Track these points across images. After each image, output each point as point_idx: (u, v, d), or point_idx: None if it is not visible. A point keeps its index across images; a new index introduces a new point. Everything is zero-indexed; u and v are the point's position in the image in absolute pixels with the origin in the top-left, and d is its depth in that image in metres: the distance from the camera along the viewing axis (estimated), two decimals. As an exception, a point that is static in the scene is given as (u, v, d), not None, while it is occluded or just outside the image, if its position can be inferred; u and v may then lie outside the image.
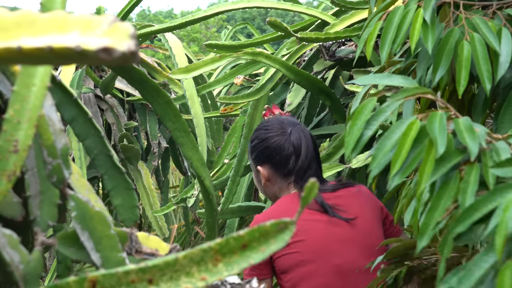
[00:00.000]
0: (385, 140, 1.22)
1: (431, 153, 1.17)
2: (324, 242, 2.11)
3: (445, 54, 1.48)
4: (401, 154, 1.19)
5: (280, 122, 2.30)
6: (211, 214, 1.67)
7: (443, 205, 1.14)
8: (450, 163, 1.16)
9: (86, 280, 0.73)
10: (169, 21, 3.19)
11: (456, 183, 1.15)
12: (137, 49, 0.64)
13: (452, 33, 1.49)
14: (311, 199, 0.77)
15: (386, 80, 1.34)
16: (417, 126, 1.20)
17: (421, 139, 1.20)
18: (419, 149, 1.19)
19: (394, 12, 1.57)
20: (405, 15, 1.53)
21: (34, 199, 0.98)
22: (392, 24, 1.55)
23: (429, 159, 1.17)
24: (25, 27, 0.66)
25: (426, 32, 1.49)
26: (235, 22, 22.69)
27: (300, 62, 3.14)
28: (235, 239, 0.75)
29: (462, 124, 1.20)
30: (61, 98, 1.16)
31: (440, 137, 1.16)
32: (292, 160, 2.23)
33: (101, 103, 3.79)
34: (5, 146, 0.87)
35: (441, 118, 1.19)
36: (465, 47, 1.46)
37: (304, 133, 2.27)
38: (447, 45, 1.48)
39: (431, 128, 1.18)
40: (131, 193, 1.19)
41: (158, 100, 1.43)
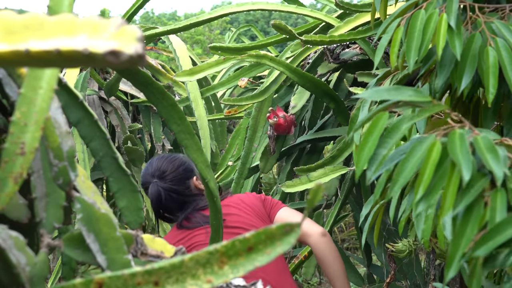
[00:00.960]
0: (406, 163, 1.18)
1: (453, 177, 1.12)
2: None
3: (469, 61, 1.44)
4: (423, 180, 1.15)
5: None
6: (215, 217, 1.67)
7: (470, 233, 1.08)
8: (475, 190, 1.11)
9: (93, 282, 0.73)
10: (173, 23, 3.19)
11: (480, 211, 1.10)
12: (145, 52, 0.64)
13: (474, 38, 1.46)
14: (316, 202, 0.77)
15: (395, 94, 1.26)
16: (438, 148, 1.15)
17: (442, 161, 1.15)
18: (441, 172, 1.15)
19: (415, 17, 1.53)
20: (428, 20, 1.50)
21: (40, 201, 0.98)
22: (415, 29, 1.51)
23: (451, 183, 1.12)
24: (33, 30, 0.67)
25: (452, 37, 1.45)
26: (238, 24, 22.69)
27: (304, 64, 3.14)
28: (241, 242, 0.75)
29: (482, 143, 1.15)
30: (67, 100, 1.16)
31: (464, 162, 1.10)
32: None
33: (106, 105, 3.80)
34: (12, 148, 0.87)
35: (461, 138, 1.14)
36: (490, 53, 1.42)
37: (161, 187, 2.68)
38: (470, 51, 1.45)
39: (453, 151, 1.13)
40: (136, 195, 1.19)
41: (163, 102, 1.43)
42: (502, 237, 1.04)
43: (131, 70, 1.46)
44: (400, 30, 1.56)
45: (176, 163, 2.73)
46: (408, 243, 2.43)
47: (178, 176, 2.70)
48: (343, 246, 7.27)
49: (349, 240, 7.62)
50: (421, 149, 1.18)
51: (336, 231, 7.20)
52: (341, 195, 2.85)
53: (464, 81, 1.45)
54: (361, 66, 2.95)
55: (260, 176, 3.39)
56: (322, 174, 2.70)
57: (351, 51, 2.98)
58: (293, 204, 3.31)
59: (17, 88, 1.01)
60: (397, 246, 2.47)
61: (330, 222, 2.83)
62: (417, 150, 1.18)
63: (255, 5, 2.98)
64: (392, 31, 1.58)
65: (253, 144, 3.15)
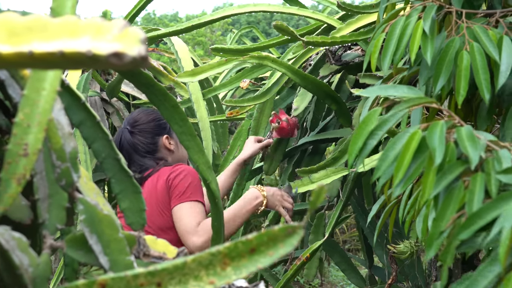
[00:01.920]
0: (388, 151, 1.25)
1: (432, 164, 1.19)
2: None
3: (445, 65, 1.50)
4: (403, 165, 1.21)
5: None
6: (217, 218, 1.67)
7: (449, 215, 1.16)
8: (452, 174, 1.18)
9: (96, 283, 0.73)
10: (174, 25, 3.20)
11: (460, 193, 1.17)
12: (148, 54, 0.64)
13: (453, 42, 1.50)
14: (319, 203, 0.77)
15: (392, 91, 1.36)
16: (418, 137, 1.22)
17: (422, 149, 1.22)
18: (420, 160, 1.21)
19: (395, 24, 1.59)
20: (406, 26, 1.56)
21: (43, 202, 0.99)
22: (393, 35, 1.58)
23: (430, 169, 1.19)
24: (36, 32, 0.67)
25: (425, 43, 1.51)
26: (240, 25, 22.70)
27: (306, 66, 3.14)
28: (243, 243, 0.75)
29: (464, 133, 1.22)
30: (70, 102, 1.17)
31: (439, 148, 1.18)
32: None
33: (107, 106, 3.81)
34: (15, 149, 0.88)
35: (441, 128, 1.21)
36: (464, 57, 1.48)
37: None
38: (448, 55, 1.50)
39: (431, 139, 1.20)
40: (138, 196, 1.19)
41: (165, 103, 1.43)
42: (482, 221, 1.10)
43: (133, 71, 1.46)
44: (381, 36, 1.63)
45: (151, 117, 2.82)
46: (409, 244, 2.44)
47: (148, 129, 2.78)
48: (345, 247, 7.28)
49: (351, 242, 7.63)
50: (403, 138, 1.24)
51: (337, 233, 7.21)
52: (343, 197, 2.85)
53: (439, 84, 1.51)
54: (362, 68, 2.95)
55: (262, 177, 3.39)
56: (324, 176, 2.71)
57: (352, 52, 2.98)
58: (295, 205, 3.32)
59: (20, 89, 1.01)
60: (399, 247, 2.47)
61: (332, 224, 2.83)
62: (401, 139, 1.25)
63: (257, 7, 2.98)
64: (378, 37, 1.64)
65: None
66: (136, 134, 2.78)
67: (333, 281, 6.82)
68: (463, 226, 1.11)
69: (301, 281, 6.41)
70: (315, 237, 3.06)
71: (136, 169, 2.74)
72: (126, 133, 2.79)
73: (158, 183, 2.66)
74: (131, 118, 2.84)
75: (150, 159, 2.77)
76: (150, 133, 2.78)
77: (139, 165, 2.76)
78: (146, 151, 2.77)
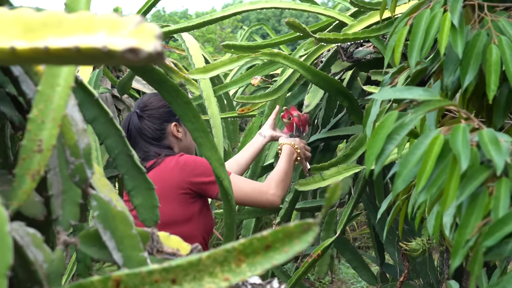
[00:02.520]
0: (409, 156, 1.21)
1: (455, 169, 1.15)
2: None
3: (473, 58, 1.46)
4: (426, 171, 1.18)
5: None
6: (229, 215, 1.67)
7: (474, 222, 1.12)
8: (477, 180, 1.14)
9: (110, 279, 0.73)
10: (185, 22, 3.20)
11: (485, 200, 1.14)
12: (163, 49, 0.64)
13: (479, 36, 1.47)
14: (334, 200, 0.77)
15: (407, 93, 1.32)
16: (440, 141, 1.19)
17: (445, 154, 1.19)
18: (443, 165, 1.18)
19: (420, 16, 1.54)
20: (432, 19, 1.51)
21: (56, 199, 0.99)
22: (419, 29, 1.53)
23: (454, 175, 1.15)
24: (51, 27, 0.67)
25: (455, 36, 1.46)
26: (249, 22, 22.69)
27: (318, 63, 3.13)
28: (258, 240, 0.75)
29: (486, 137, 1.18)
30: (83, 98, 1.16)
31: (464, 152, 1.14)
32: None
33: (118, 103, 3.81)
34: (29, 145, 0.87)
35: (464, 132, 1.18)
36: (493, 51, 1.44)
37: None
38: (475, 48, 1.46)
39: (454, 143, 1.16)
40: (151, 193, 1.19)
41: (178, 100, 1.43)
42: (509, 227, 1.08)
43: (145, 68, 1.46)
44: (405, 30, 1.58)
45: (162, 102, 2.78)
46: (421, 242, 2.43)
47: (157, 115, 2.75)
48: (355, 244, 7.26)
49: (361, 239, 7.62)
50: (424, 143, 1.21)
51: (348, 230, 7.19)
52: (354, 194, 2.85)
53: (467, 78, 1.47)
54: (374, 65, 2.95)
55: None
56: (336, 173, 2.70)
57: (364, 49, 2.97)
58: (306, 202, 3.31)
59: (34, 85, 1.01)
60: (411, 245, 2.47)
61: (343, 221, 2.83)
62: (421, 144, 1.22)
63: (268, 3, 2.98)
64: (400, 31, 1.60)
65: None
66: (145, 118, 2.75)
67: (343, 279, 6.82)
68: (488, 233, 1.08)
69: (312, 278, 6.41)
70: (326, 234, 3.06)
71: (140, 155, 2.70)
72: (135, 117, 2.76)
73: (170, 179, 2.62)
74: (142, 102, 2.81)
75: (155, 146, 2.73)
76: (158, 119, 2.75)
77: (144, 151, 2.72)
78: (153, 137, 2.74)
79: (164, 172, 2.63)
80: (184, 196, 2.59)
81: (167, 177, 2.61)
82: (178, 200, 2.60)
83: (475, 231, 1.13)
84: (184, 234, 2.57)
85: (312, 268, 3.19)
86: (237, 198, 2.56)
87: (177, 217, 2.59)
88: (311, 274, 5.97)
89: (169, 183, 2.60)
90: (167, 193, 2.59)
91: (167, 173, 2.62)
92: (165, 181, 2.60)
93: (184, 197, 2.59)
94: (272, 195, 2.65)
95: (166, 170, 2.63)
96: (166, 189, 2.59)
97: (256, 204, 2.70)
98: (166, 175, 2.61)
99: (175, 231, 2.60)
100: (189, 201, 2.59)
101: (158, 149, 2.73)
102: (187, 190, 2.59)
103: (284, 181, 2.71)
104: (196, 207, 2.62)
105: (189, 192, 2.60)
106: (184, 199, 2.59)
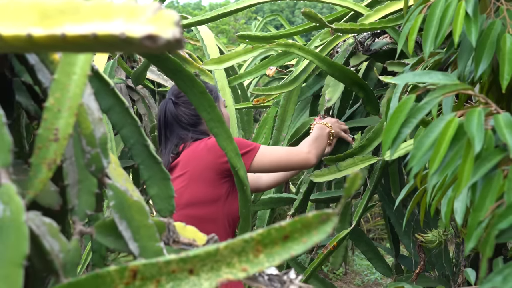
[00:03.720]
0: (424, 138, 1.22)
1: (469, 152, 1.15)
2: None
3: (487, 47, 1.45)
4: (439, 153, 1.18)
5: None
6: (245, 205, 1.66)
7: (487, 205, 1.13)
8: (491, 162, 1.14)
9: (127, 269, 0.72)
10: (198, 13, 3.20)
11: (499, 182, 1.13)
12: (182, 36, 0.63)
13: (494, 25, 1.46)
14: (354, 190, 0.76)
15: (426, 77, 1.32)
16: (455, 124, 1.19)
17: (459, 137, 1.19)
18: (457, 147, 1.18)
19: (435, 5, 1.54)
20: (447, 8, 1.50)
21: (72, 188, 0.98)
22: (433, 17, 1.52)
23: (468, 158, 1.16)
24: (68, 14, 0.66)
25: (469, 24, 1.46)
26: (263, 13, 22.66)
27: (333, 53, 3.12)
28: (277, 230, 0.74)
29: (502, 120, 1.18)
30: (98, 87, 1.16)
31: (478, 135, 1.14)
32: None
33: (133, 93, 3.81)
34: (45, 134, 0.87)
35: (479, 115, 1.17)
36: (507, 40, 1.43)
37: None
38: (489, 38, 1.46)
39: (469, 126, 1.16)
40: (167, 183, 1.18)
41: (193, 90, 1.42)
42: None
43: (160, 57, 1.45)
44: (419, 18, 1.58)
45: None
46: (438, 233, 2.42)
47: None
48: (369, 236, 7.25)
49: (375, 231, 7.61)
50: (439, 126, 1.21)
51: (362, 222, 7.19)
52: (370, 185, 2.83)
53: (481, 67, 1.46)
54: (390, 55, 2.93)
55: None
56: (351, 164, 2.69)
57: (381, 40, 2.95)
58: (321, 193, 3.30)
59: (50, 74, 1.01)
60: (427, 236, 2.45)
61: (359, 212, 2.81)
62: (436, 127, 1.22)
63: (283, -6, 2.96)
64: (414, 18, 1.59)
65: (281, 133, 3.14)
66: (180, 105, 2.77)
67: (357, 270, 6.81)
68: (502, 215, 1.08)
69: (325, 269, 6.40)
70: (341, 226, 3.05)
71: (177, 142, 2.74)
72: (170, 104, 2.78)
73: (201, 161, 2.66)
74: (176, 89, 2.82)
75: (192, 132, 2.76)
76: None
77: (181, 137, 2.75)
78: (189, 123, 2.76)
79: (194, 153, 2.67)
80: (215, 177, 2.63)
81: (198, 159, 2.65)
82: (208, 180, 2.63)
83: (488, 213, 1.13)
84: (206, 216, 2.61)
85: (327, 259, 3.19)
86: (273, 162, 2.66)
87: (203, 197, 2.63)
88: (324, 265, 5.96)
89: (201, 164, 2.64)
90: (199, 174, 2.63)
91: (197, 154, 2.65)
92: (197, 162, 2.64)
93: (215, 177, 2.63)
94: (307, 153, 2.70)
95: (196, 151, 2.66)
96: (198, 170, 2.64)
97: (292, 164, 2.72)
98: (197, 156, 2.65)
99: (198, 211, 2.64)
100: (219, 182, 2.62)
101: (194, 135, 2.75)
102: (217, 171, 2.63)
103: (316, 142, 2.77)
104: (224, 188, 2.65)
105: (219, 173, 2.63)
106: (215, 180, 2.62)
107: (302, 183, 3.19)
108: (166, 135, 2.76)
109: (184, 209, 2.57)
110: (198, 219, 2.55)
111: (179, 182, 2.62)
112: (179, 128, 2.76)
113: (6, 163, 0.73)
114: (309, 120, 3.14)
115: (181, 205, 2.57)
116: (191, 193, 2.60)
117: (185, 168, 2.63)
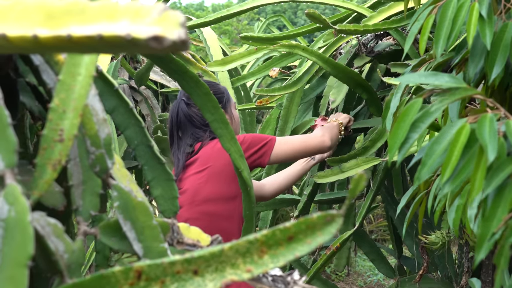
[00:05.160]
0: (435, 145, 1.19)
1: (482, 160, 1.13)
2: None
3: (500, 50, 1.43)
4: (451, 161, 1.16)
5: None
6: (249, 206, 1.67)
7: (500, 215, 1.10)
8: (504, 172, 1.12)
9: (132, 270, 0.72)
10: (201, 14, 3.20)
11: (511, 192, 1.11)
12: (188, 37, 0.63)
13: (507, 27, 1.44)
14: (358, 191, 0.76)
15: (432, 79, 1.28)
16: (467, 131, 1.17)
17: (471, 144, 1.16)
18: (469, 155, 1.16)
19: (446, 6, 1.52)
20: (459, 8, 1.48)
21: (77, 189, 0.98)
22: (445, 18, 1.51)
23: (480, 166, 1.13)
24: (74, 15, 0.66)
25: (483, 26, 1.44)
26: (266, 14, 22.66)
27: (337, 54, 3.11)
28: (281, 231, 0.74)
29: None
30: (103, 88, 1.16)
31: (491, 143, 1.12)
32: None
33: (136, 94, 3.81)
34: (50, 135, 0.87)
35: (491, 121, 1.15)
36: None
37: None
38: (502, 40, 1.44)
39: (481, 133, 1.14)
40: (171, 184, 1.18)
41: (197, 91, 1.42)
42: None
43: (164, 58, 1.45)
44: (431, 18, 1.56)
45: (211, 89, 2.79)
46: (441, 235, 2.41)
47: None
48: (372, 237, 7.24)
49: (377, 232, 7.60)
50: (450, 133, 1.19)
51: (364, 223, 7.18)
52: (373, 186, 2.83)
53: (495, 70, 1.44)
54: (394, 57, 2.93)
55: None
56: (355, 165, 2.69)
57: (384, 42, 2.95)
58: (323, 194, 3.30)
59: (55, 75, 1.01)
60: (430, 238, 2.45)
61: (362, 213, 2.81)
62: (447, 134, 1.19)
63: (286, -4, 2.96)
64: (424, 19, 1.58)
65: (284, 134, 3.14)
66: (192, 105, 2.77)
67: (359, 271, 6.80)
68: None
69: (328, 271, 6.40)
70: (345, 227, 3.05)
71: (192, 142, 2.75)
72: (183, 105, 2.79)
73: (220, 158, 2.67)
74: None
75: (205, 131, 2.76)
76: None
77: (195, 137, 2.76)
78: (203, 123, 2.76)
79: (215, 150, 2.68)
80: (235, 174, 2.64)
81: (218, 156, 2.66)
82: (229, 177, 2.65)
83: (501, 224, 1.10)
84: (223, 213, 2.62)
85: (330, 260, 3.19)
86: (291, 150, 2.70)
87: (222, 194, 2.64)
88: (327, 266, 5.96)
89: (221, 161, 2.65)
90: (220, 170, 2.65)
91: (217, 152, 2.67)
92: (218, 159, 2.65)
93: (235, 175, 2.64)
94: (321, 136, 2.73)
95: (216, 149, 2.67)
96: (218, 167, 2.65)
97: (310, 149, 2.74)
98: (218, 154, 2.66)
99: (215, 207, 2.66)
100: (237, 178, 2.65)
101: (211, 134, 2.77)
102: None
103: (327, 129, 2.80)
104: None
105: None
106: (235, 177, 2.62)
107: (305, 184, 3.19)
108: (178, 135, 2.77)
109: (200, 205, 2.60)
110: (214, 215, 2.57)
111: (196, 178, 2.63)
112: (193, 128, 2.76)
113: (11, 163, 0.73)
114: (309, 120, 3.15)
115: (197, 201, 2.61)
116: (210, 189, 2.61)
117: (205, 164, 2.64)
